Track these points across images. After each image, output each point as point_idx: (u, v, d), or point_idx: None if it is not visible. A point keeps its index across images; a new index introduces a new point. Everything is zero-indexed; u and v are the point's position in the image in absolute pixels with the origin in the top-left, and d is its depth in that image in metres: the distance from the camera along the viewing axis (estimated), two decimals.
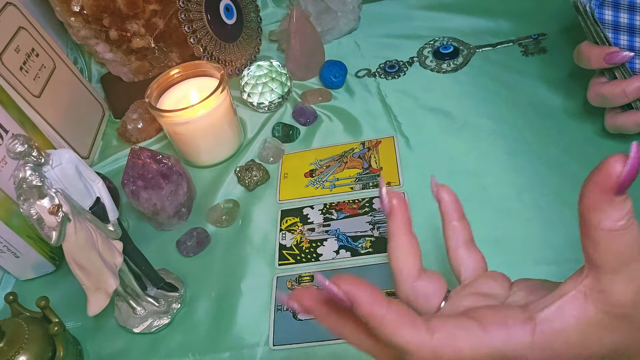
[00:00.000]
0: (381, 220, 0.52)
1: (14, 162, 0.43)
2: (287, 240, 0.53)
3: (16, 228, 0.52)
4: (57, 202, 0.35)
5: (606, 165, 0.23)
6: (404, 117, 0.63)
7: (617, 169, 0.23)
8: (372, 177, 0.57)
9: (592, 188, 0.23)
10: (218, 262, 0.53)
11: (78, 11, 0.72)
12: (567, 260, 0.45)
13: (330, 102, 0.68)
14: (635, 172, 0.23)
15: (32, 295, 0.48)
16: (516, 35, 0.69)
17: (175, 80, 0.64)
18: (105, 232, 0.42)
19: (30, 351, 0.43)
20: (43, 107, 0.61)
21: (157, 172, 0.53)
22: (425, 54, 0.71)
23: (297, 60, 0.71)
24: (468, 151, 0.56)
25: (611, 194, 0.23)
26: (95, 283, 0.41)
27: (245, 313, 0.48)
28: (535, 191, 0.51)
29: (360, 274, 0.48)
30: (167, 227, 0.57)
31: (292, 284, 0.49)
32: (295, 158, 0.62)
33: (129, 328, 0.49)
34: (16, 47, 0.59)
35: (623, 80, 0.47)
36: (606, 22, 0.46)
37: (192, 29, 0.68)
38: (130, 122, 0.69)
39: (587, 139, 0.54)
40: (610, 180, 0.23)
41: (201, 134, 0.60)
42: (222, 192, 0.60)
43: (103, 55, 0.77)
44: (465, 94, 0.63)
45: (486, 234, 0.48)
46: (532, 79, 0.62)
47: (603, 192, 0.23)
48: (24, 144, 0.34)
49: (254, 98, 0.67)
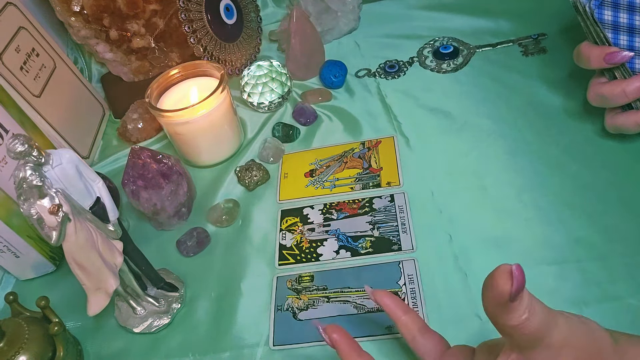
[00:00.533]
0: (381, 221, 0.52)
1: (14, 162, 0.43)
2: (287, 240, 0.53)
3: (16, 228, 0.52)
4: (57, 202, 0.35)
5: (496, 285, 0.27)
6: (404, 117, 0.63)
7: (506, 289, 0.26)
8: (372, 177, 0.57)
9: (490, 301, 0.28)
10: (218, 262, 0.53)
11: (78, 11, 0.72)
12: (567, 260, 0.45)
13: (330, 102, 0.68)
14: (522, 285, 0.26)
15: (32, 295, 0.48)
16: (516, 35, 0.69)
17: (175, 80, 0.64)
18: (105, 232, 0.42)
19: (30, 351, 0.43)
20: (43, 107, 0.61)
21: (157, 172, 0.53)
22: (425, 54, 0.71)
23: (297, 60, 0.71)
24: (468, 151, 0.56)
25: (507, 304, 0.27)
26: (95, 283, 0.41)
27: (245, 313, 0.48)
28: (535, 191, 0.51)
29: (360, 273, 0.48)
30: (167, 227, 0.57)
31: (292, 284, 0.49)
32: (295, 158, 0.62)
33: (129, 328, 0.49)
34: (16, 47, 0.59)
35: (623, 81, 0.47)
36: (606, 22, 0.46)
37: (192, 29, 0.68)
38: (131, 122, 0.69)
39: (587, 139, 0.54)
40: (503, 297, 0.27)
41: (201, 134, 0.60)
42: (222, 192, 0.60)
43: (103, 55, 0.77)
44: (465, 94, 0.63)
45: (486, 234, 0.48)
46: (532, 79, 0.62)
47: (500, 304, 0.27)
48: (24, 144, 0.34)
49: (254, 98, 0.67)
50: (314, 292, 0.48)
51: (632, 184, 0.49)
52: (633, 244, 0.44)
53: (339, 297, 0.47)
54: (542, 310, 0.28)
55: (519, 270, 0.26)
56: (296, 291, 0.48)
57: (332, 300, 0.47)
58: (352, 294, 0.47)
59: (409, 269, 0.47)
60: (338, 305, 0.46)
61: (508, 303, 0.27)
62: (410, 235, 0.50)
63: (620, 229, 0.46)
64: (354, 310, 0.46)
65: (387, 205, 0.53)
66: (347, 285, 0.48)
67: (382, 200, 0.54)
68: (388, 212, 0.53)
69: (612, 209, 0.47)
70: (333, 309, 0.46)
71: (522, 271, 0.27)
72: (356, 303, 0.46)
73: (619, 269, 0.43)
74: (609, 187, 0.49)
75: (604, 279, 0.43)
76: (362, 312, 0.45)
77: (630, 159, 0.51)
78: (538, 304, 0.28)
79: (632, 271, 0.43)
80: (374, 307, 0.45)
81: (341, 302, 0.46)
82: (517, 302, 0.27)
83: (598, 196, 0.49)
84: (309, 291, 0.48)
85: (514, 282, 0.26)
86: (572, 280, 0.43)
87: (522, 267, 0.27)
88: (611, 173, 0.50)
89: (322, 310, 0.46)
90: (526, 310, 0.27)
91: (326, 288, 0.48)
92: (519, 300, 0.27)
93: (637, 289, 0.41)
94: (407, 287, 0.46)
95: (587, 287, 0.43)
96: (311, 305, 0.47)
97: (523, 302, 0.27)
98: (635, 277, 0.42)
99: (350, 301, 0.46)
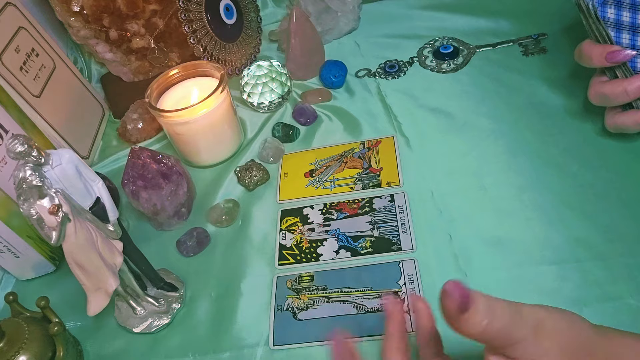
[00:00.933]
0: (381, 220, 0.52)
1: (14, 162, 0.43)
2: (287, 240, 0.53)
3: (16, 228, 0.52)
4: (57, 202, 0.35)
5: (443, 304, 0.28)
6: (404, 117, 0.63)
7: (452, 307, 0.28)
8: (372, 177, 0.57)
9: (446, 317, 0.29)
10: (218, 262, 0.53)
11: (78, 11, 0.72)
12: (567, 260, 0.45)
13: (330, 102, 0.68)
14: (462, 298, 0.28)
15: (32, 295, 0.48)
16: (516, 35, 0.69)
17: (175, 80, 0.64)
18: (105, 232, 0.42)
19: (30, 351, 0.43)
20: (43, 107, 0.61)
21: (157, 172, 0.53)
22: (425, 54, 0.71)
23: (297, 60, 0.71)
24: (468, 151, 0.56)
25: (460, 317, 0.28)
26: (95, 283, 0.41)
27: (245, 313, 0.48)
28: (535, 191, 0.51)
29: (360, 273, 0.48)
30: (167, 227, 0.57)
31: (292, 284, 0.49)
32: (295, 158, 0.62)
33: (129, 328, 0.49)
34: (16, 47, 0.59)
35: (624, 80, 0.47)
36: (608, 21, 0.46)
37: (192, 29, 0.68)
38: (130, 122, 0.69)
39: (587, 139, 0.54)
40: (452, 313, 0.28)
41: (201, 134, 0.60)
42: (222, 192, 0.60)
43: (103, 55, 0.77)
44: (465, 94, 0.63)
45: (486, 234, 0.48)
46: (532, 79, 0.62)
47: (455, 319, 0.28)
48: (24, 144, 0.34)
49: (254, 98, 0.67)
50: (314, 292, 0.48)
51: (632, 184, 0.49)
52: (633, 244, 0.44)
53: (339, 297, 0.47)
54: (503, 311, 0.28)
55: (451, 286, 0.28)
56: (296, 291, 0.48)
57: (332, 300, 0.47)
58: (352, 294, 0.47)
59: (409, 269, 0.47)
60: (338, 305, 0.46)
61: (461, 316, 0.28)
62: (410, 235, 0.50)
63: (620, 229, 0.46)
64: (354, 310, 0.46)
65: (387, 205, 0.53)
66: (347, 285, 0.48)
67: (382, 200, 0.54)
68: (388, 212, 0.53)
69: (612, 209, 0.47)
70: (333, 309, 0.46)
71: (459, 286, 0.28)
72: (356, 303, 0.46)
73: (619, 269, 0.43)
74: (609, 187, 0.49)
75: (604, 279, 0.43)
76: (362, 312, 0.45)
77: (630, 159, 0.51)
78: (498, 305, 0.28)
79: (632, 271, 0.43)
80: (374, 307, 0.45)
81: (341, 302, 0.46)
82: (470, 312, 0.28)
83: (598, 196, 0.49)
84: (309, 291, 0.48)
85: (450, 299, 0.28)
86: (572, 280, 0.43)
87: (459, 283, 0.28)
88: (611, 173, 0.50)
89: (322, 310, 0.46)
90: (485, 316, 0.28)
91: (326, 288, 0.48)
92: (473, 310, 0.28)
93: (637, 289, 0.41)
94: (407, 287, 0.46)
95: (587, 287, 0.43)
96: (311, 305, 0.47)
97: (478, 310, 0.28)
98: (635, 277, 0.42)
99: (350, 301, 0.46)
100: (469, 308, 0.28)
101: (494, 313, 0.28)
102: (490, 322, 0.28)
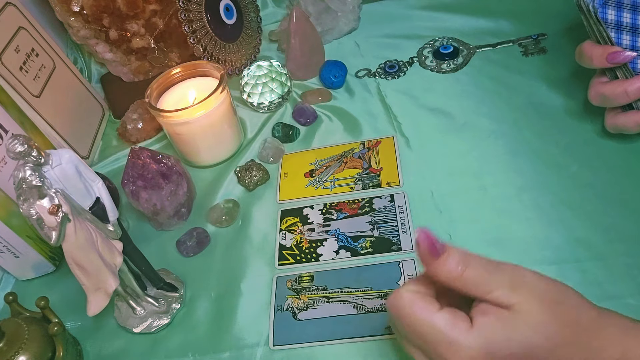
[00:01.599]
0: (381, 221, 0.52)
1: (14, 162, 0.43)
2: (287, 240, 0.53)
3: (16, 228, 0.52)
4: (57, 202, 0.35)
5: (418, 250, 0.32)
6: (404, 117, 0.63)
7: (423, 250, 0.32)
8: (372, 177, 0.57)
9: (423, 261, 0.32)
10: (218, 262, 0.53)
11: (78, 11, 0.72)
12: (567, 260, 0.45)
13: (330, 102, 0.68)
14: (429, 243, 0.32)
15: (32, 295, 0.48)
16: (516, 35, 0.69)
17: (175, 80, 0.64)
18: (105, 232, 0.42)
19: (30, 351, 0.43)
20: (43, 107, 0.61)
21: (157, 172, 0.53)
22: (425, 54, 0.71)
23: (297, 60, 0.71)
24: (468, 151, 0.56)
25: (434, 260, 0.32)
26: (95, 283, 0.41)
27: (245, 313, 0.48)
28: (535, 191, 0.51)
29: (360, 273, 0.48)
30: (167, 227, 0.57)
31: (292, 284, 0.49)
32: (295, 158, 0.62)
33: (128, 328, 0.49)
34: (16, 47, 0.59)
35: (625, 80, 0.47)
36: (609, 22, 0.46)
37: (192, 29, 0.68)
38: (130, 122, 0.69)
39: (587, 139, 0.54)
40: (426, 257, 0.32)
41: (201, 134, 0.60)
42: (222, 192, 0.60)
43: (103, 55, 0.77)
44: (465, 94, 0.63)
45: (486, 234, 0.48)
46: (532, 79, 0.62)
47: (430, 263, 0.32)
48: (23, 144, 0.34)
49: (254, 98, 0.67)
50: (313, 292, 0.48)
51: (632, 184, 0.49)
52: (633, 244, 0.44)
53: (338, 297, 0.47)
54: (480, 263, 0.32)
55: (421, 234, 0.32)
56: (296, 291, 0.48)
57: (332, 300, 0.47)
58: (352, 294, 0.47)
59: (409, 269, 0.47)
60: (338, 305, 0.46)
61: (436, 261, 0.32)
62: (410, 236, 0.50)
63: (620, 229, 0.46)
64: (354, 310, 0.46)
65: (387, 205, 0.53)
66: (347, 285, 0.48)
67: (382, 200, 0.54)
68: (388, 212, 0.53)
69: (612, 209, 0.47)
70: (333, 309, 0.46)
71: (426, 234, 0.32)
72: (356, 303, 0.46)
73: (619, 269, 0.43)
74: (609, 187, 0.49)
75: (604, 279, 0.43)
76: (362, 312, 0.45)
77: (630, 159, 0.51)
78: (475, 258, 0.32)
79: (632, 271, 0.43)
80: (374, 307, 0.45)
81: (341, 302, 0.46)
82: (444, 257, 0.31)
83: (598, 196, 0.49)
84: (308, 291, 0.48)
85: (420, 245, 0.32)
86: (572, 280, 0.43)
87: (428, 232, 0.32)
88: (611, 173, 0.50)
89: (322, 310, 0.46)
90: (459, 263, 0.31)
91: (326, 288, 0.48)
92: (447, 256, 0.31)
93: (637, 289, 0.41)
94: None
95: (587, 287, 0.42)
96: (311, 305, 0.47)
97: (453, 256, 0.31)
98: (635, 277, 0.42)
99: (350, 301, 0.46)
100: (440, 254, 0.31)
101: (468, 262, 0.31)
102: (465, 269, 0.31)
